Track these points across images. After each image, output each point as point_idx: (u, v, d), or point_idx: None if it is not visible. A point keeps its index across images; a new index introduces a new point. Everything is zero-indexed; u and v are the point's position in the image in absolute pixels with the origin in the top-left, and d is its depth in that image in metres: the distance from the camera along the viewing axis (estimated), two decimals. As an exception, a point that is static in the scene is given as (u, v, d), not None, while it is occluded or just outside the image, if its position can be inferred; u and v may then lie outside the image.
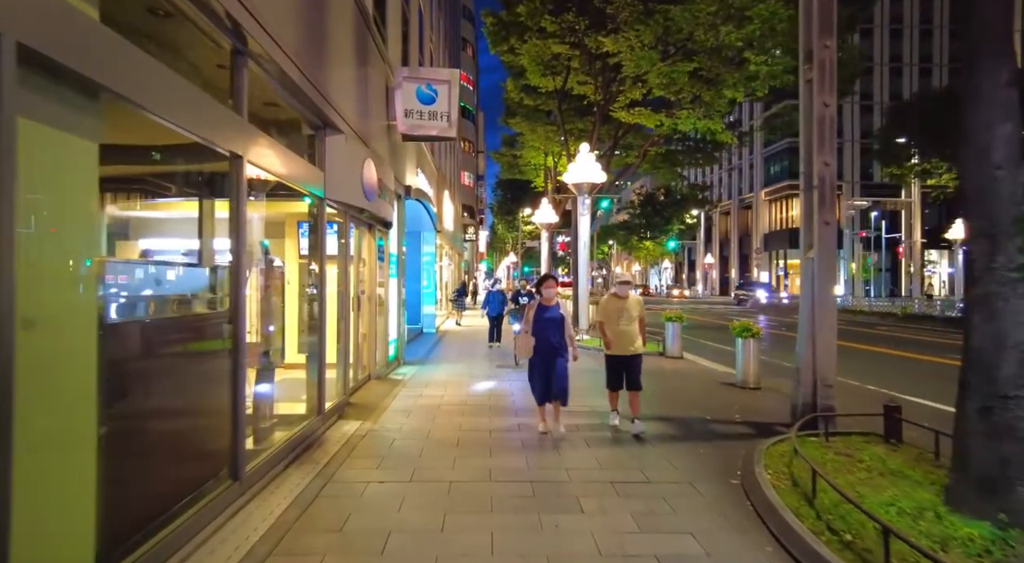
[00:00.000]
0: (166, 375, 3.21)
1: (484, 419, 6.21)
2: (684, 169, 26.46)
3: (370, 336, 8.36)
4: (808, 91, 6.02)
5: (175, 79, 2.97)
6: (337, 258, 6.64)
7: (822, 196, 5.86)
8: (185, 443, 3.42)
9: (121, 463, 2.75)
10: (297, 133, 5.56)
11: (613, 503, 3.91)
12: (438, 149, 19.68)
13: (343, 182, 5.97)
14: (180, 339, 3.37)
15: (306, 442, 5.18)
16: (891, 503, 3.60)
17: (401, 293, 10.41)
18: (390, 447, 5.19)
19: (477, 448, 5.14)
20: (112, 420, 2.63)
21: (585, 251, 14.32)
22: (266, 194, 5.48)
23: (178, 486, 3.24)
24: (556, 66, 19.01)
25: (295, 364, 6.07)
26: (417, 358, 11.11)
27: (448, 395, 7.57)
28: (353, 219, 6.99)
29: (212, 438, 3.68)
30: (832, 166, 5.85)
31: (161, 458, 3.14)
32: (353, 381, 7.31)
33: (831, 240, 5.90)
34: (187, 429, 3.45)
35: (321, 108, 5.29)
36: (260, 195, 5.85)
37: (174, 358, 3.31)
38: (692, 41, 14.66)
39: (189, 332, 3.43)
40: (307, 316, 5.92)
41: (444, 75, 8.64)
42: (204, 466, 3.56)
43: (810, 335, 5.91)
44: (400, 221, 10.34)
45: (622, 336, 5.79)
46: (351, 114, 6.44)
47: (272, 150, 4.30)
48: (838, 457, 4.74)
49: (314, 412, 5.62)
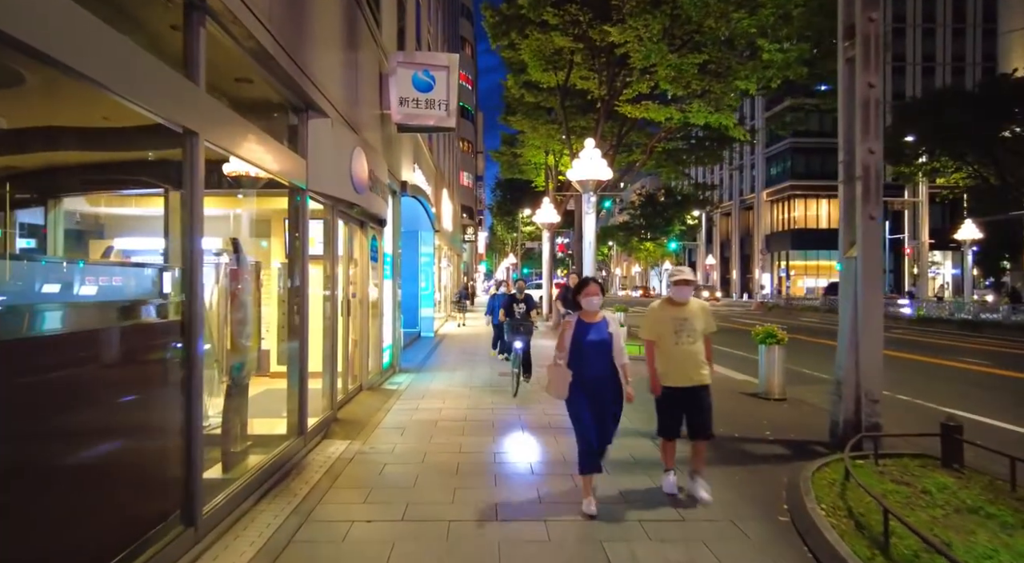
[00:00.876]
0: (87, 401, 2.55)
1: (487, 438, 5.56)
2: (688, 168, 25.89)
3: (362, 343, 7.71)
4: (849, 71, 5.38)
5: (99, 27, 2.33)
6: (324, 258, 5.99)
7: (867, 188, 5.22)
8: (118, 484, 2.76)
9: (19, 514, 2.10)
10: (275, 115, 4.91)
11: (645, 550, 3.25)
12: (436, 146, 19.04)
13: (329, 172, 5.32)
14: (110, 355, 2.71)
15: (284, 468, 4.52)
16: (989, 556, 2.96)
17: (397, 295, 9.76)
18: (380, 474, 4.53)
19: (480, 476, 4.48)
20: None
21: (591, 251, 13.66)
22: (250, 188, 4.85)
23: (109, 538, 2.59)
24: (558, 61, 18.43)
25: (281, 373, 5.41)
26: (414, 365, 10.45)
27: (447, 408, 6.92)
28: (342, 215, 6.34)
29: (158, 475, 3.02)
30: (878, 154, 5.21)
31: (83, 504, 2.48)
32: (342, 393, 6.65)
33: (876, 237, 5.26)
34: (120, 466, 2.79)
35: (302, 86, 4.64)
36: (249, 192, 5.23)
37: (99, 379, 2.64)
38: (700, 32, 14.06)
39: (122, 346, 2.77)
40: (290, 322, 5.26)
41: (442, 60, 8.00)
42: (147, 510, 2.90)
43: (852, 343, 5.27)
44: (396, 219, 9.69)
45: (682, 360, 4.03)
46: (338, 98, 5.79)
47: (239, 129, 3.65)
48: (898, 487, 4.10)
49: (295, 432, 4.97)
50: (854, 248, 5.35)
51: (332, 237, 5.96)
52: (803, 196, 51.21)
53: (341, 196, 5.67)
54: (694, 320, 4.09)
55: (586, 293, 3.97)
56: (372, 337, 8.20)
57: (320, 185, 5.20)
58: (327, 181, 5.30)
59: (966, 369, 11.34)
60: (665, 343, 4.10)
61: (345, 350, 6.83)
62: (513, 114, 25.16)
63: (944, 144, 25.57)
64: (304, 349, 5.06)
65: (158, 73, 2.77)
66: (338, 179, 5.52)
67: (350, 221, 6.93)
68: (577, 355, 3.84)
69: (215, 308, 5.23)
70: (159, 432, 3.03)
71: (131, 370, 2.86)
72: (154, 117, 2.79)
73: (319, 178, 5.16)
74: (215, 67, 3.59)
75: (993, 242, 30.47)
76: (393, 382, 8.68)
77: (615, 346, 3.86)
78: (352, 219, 6.98)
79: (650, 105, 14.88)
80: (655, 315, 4.22)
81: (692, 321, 4.08)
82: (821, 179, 49.79)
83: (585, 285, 4.01)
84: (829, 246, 51.05)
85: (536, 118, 23.65)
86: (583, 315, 3.96)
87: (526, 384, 8.15)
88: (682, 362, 4.04)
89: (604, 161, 13.74)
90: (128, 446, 2.84)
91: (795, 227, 51.51)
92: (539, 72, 18.69)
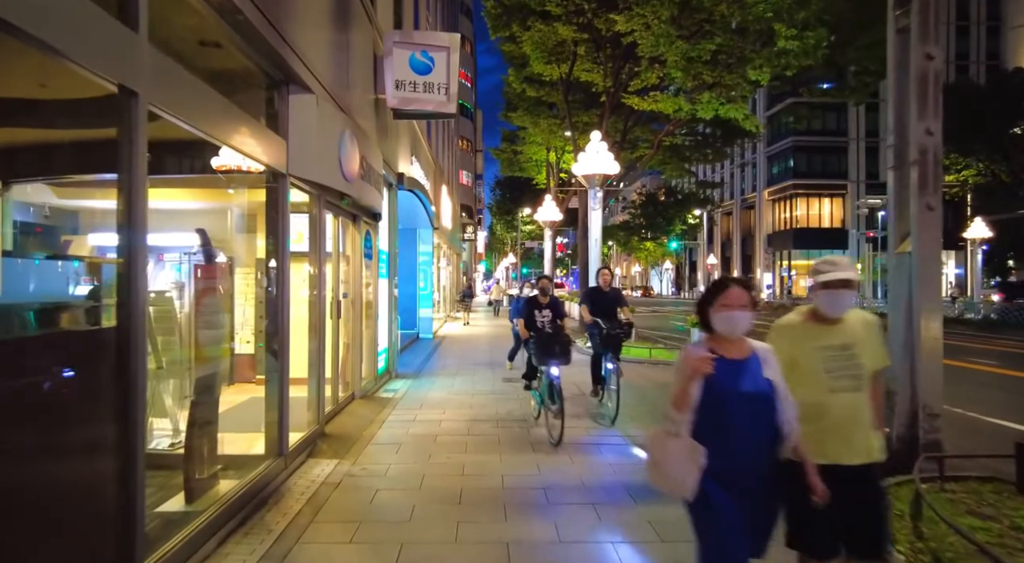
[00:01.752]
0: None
1: (494, 456, 4.93)
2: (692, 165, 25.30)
3: (354, 347, 7.08)
4: (902, 43, 4.77)
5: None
6: (310, 254, 5.37)
7: (923, 173, 4.60)
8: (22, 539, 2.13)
9: None
10: (249, 87, 4.27)
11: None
12: (435, 141, 18.42)
13: (314, 156, 4.69)
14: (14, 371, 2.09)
15: (260, 497, 3.90)
16: None
17: (393, 295, 9.13)
18: (371, 504, 3.90)
19: (487, 506, 3.85)
20: None
21: (597, 248, 13.05)
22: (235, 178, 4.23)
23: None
24: (561, 53, 17.79)
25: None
26: (411, 370, 9.82)
27: (447, 420, 6.29)
28: (330, 206, 5.71)
29: (80, 526, 2.40)
30: (937, 135, 4.59)
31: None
32: (331, 403, 6.02)
33: (935, 229, 4.64)
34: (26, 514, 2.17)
35: (280, 52, 4.01)
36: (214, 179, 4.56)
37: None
38: (711, 22, 13.43)
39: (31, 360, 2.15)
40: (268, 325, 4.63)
41: (442, 40, 7.37)
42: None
43: (907, 351, 4.65)
44: (392, 214, 9.07)
45: (842, 417, 2.32)
46: (326, 74, 5.16)
47: (196, 94, 3.02)
48: (983, 522, 3.49)
49: (273, 452, 4.34)
50: (907, 242, 4.73)
51: (319, 231, 5.33)
52: (805, 195, 50.65)
53: (328, 184, 5.04)
54: (859, 348, 2.35)
55: (727, 303, 2.10)
56: (366, 340, 7.57)
57: (303, 170, 4.57)
58: (311, 166, 4.67)
59: (997, 373, 10.74)
60: (811, 388, 2.31)
61: (335, 356, 6.20)
62: (514, 110, 24.52)
63: (953, 140, 25.04)
64: (284, 357, 4.43)
65: (77, 7, 2.15)
66: (325, 165, 4.89)
67: (340, 214, 6.30)
68: (713, 419, 2.04)
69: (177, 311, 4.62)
70: (83, 471, 2.41)
71: (43, 391, 2.24)
72: (74, 66, 2.17)
73: (302, 162, 4.54)
74: (169, 24, 2.99)
75: (1000, 241, 29.93)
76: (389, 389, 8.05)
77: (780, 401, 2.10)
78: (343, 212, 6.35)
79: (659, 96, 14.24)
80: (791, 338, 2.40)
81: (856, 350, 2.34)
82: (823, 178, 49.23)
83: (724, 288, 2.13)
84: (831, 246, 50.49)
85: (538, 113, 23.01)
86: (718, 345, 2.13)
87: (554, 420, 5.39)
88: (842, 421, 2.31)
89: (611, 155, 13.12)
90: (40, 488, 2.21)
91: (797, 226, 50.94)
92: (541, 65, 18.05)
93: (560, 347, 5.57)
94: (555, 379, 5.47)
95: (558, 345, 5.59)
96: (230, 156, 4.02)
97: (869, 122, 51.02)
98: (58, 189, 4.20)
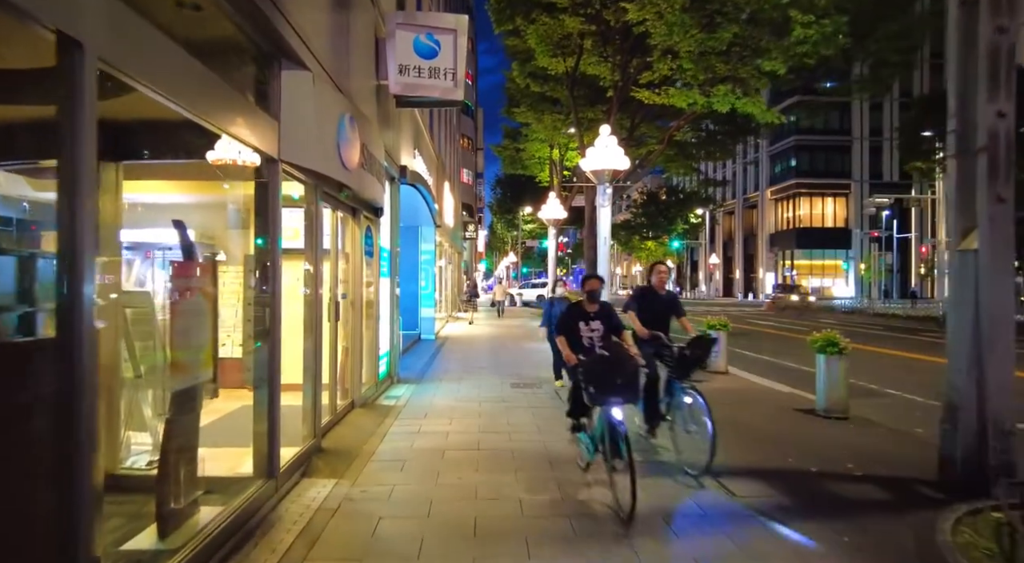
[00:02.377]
0: None
1: (509, 476, 4.42)
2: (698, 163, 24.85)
3: (354, 351, 6.57)
4: (968, 16, 4.27)
5: None
6: (305, 251, 4.86)
7: (994, 161, 4.11)
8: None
9: None
10: (235, 60, 3.76)
11: None
12: (438, 135, 17.90)
13: (310, 141, 4.19)
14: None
15: (246, 528, 3.39)
16: None
17: (395, 295, 8.62)
18: (373, 536, 3.40)
19: (507, 538, 3.35)
20: None
21: (605, 247, 12.52)
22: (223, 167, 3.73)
23: None
24: (567, 46, 17.31)
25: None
26: (414, 374, 9.32)
27: (455, 431, 5.79)
28: (328, 198, 5.21)
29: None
30: (1010, 118, 4.10)
31: None
32: (329, 414, 5.52)
33: (1007, 223, 4.15)
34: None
35: (271, 20, 3.51)
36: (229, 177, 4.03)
37: None
38: (723, 13, 12.93)
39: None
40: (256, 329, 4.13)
41: (448, 22, 6.87)
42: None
43: (974, 359, 4.16)
44: (394, 210, 8.56)
45: None
46: (322, 49, 4.66)
47: (161, 50, 2.52)
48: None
49: (262, 473, 3.84)
50: (972, 237, 4.23)
51: (315, 225, 4.82)
52: (808, 194, 50.18)
53: (325, 172, 4.54)
54: None
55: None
56: (366, 344, 7.07)
57: (297, 156, 4.07)
58: (307, 152, 4.16)
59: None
60: None
61: (333, 361, 5.70)
62: (517, 106, 24.02)
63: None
64: (275, 366, 3.93)
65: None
66: (321, 151, 4.39)
67: (339, 207, 5.80)
68: None
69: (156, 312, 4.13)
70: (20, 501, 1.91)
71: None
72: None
73: (296, 147, 4.04)
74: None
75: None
76: (390, 396, 7.55)
77: None
78: (342, 205, 5.85)
79: (671, 90, 13.73)
80: None
81: None
82: (826, 177, 48.72)
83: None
84: (833, 245, 50.10)
85: (541, 109, 22.54)
86: None
87: (618, 476, 3.82)
88: None
89: (620, 149, 12.63)
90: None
91: (799, 226, 50.47)
92: (546, 58, 17.56)
93: (624, 378, 3.89)
94: (619, 424, 3.79)
95: (620, 376, 3.88)
96: (218, 143, 3.53)
97: (873, 121, 50.51)
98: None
